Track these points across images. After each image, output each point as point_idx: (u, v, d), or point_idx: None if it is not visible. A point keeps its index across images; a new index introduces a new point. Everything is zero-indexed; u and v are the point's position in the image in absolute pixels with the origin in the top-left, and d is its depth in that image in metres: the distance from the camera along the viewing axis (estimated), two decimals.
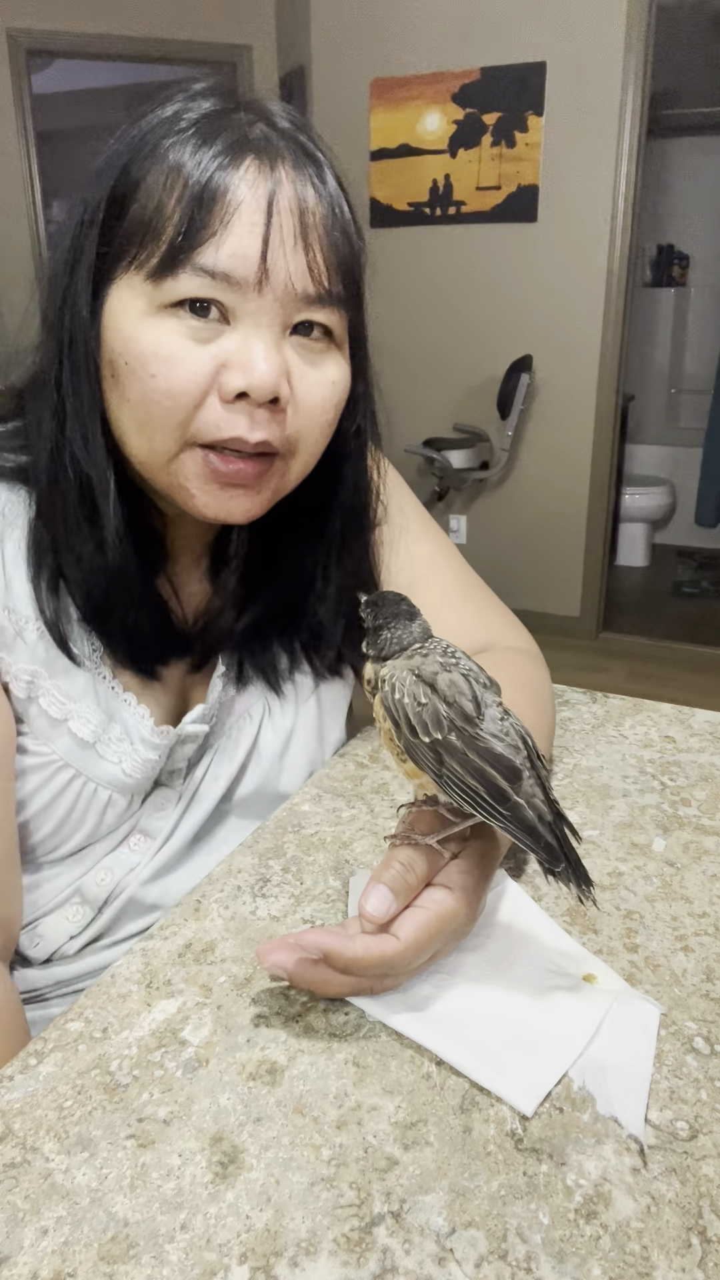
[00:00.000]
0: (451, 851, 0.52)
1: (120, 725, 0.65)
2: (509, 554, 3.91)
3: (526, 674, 0.75)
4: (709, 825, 0.69)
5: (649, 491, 4.86)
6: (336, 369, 0.60)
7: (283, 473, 0.60)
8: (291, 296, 0.55)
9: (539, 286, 3.54)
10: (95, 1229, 0.39)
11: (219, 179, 0.53)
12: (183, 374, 0.54)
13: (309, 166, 0.56)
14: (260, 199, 0.53)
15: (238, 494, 0.59)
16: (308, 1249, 0.38)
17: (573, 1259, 0.38)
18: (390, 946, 0.48)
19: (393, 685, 0.50)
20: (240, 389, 0.54)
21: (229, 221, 0.53)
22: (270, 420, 0.56)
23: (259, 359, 0.54)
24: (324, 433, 0.61)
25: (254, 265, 0.53)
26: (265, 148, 0.55)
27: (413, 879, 0.50)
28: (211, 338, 0.55)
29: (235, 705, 0.73)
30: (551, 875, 0.48)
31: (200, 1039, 0.49)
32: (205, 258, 0.53)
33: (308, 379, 0.58)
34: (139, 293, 0.54)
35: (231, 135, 0.54)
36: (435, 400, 3.86)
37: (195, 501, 0.59)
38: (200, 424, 0.56)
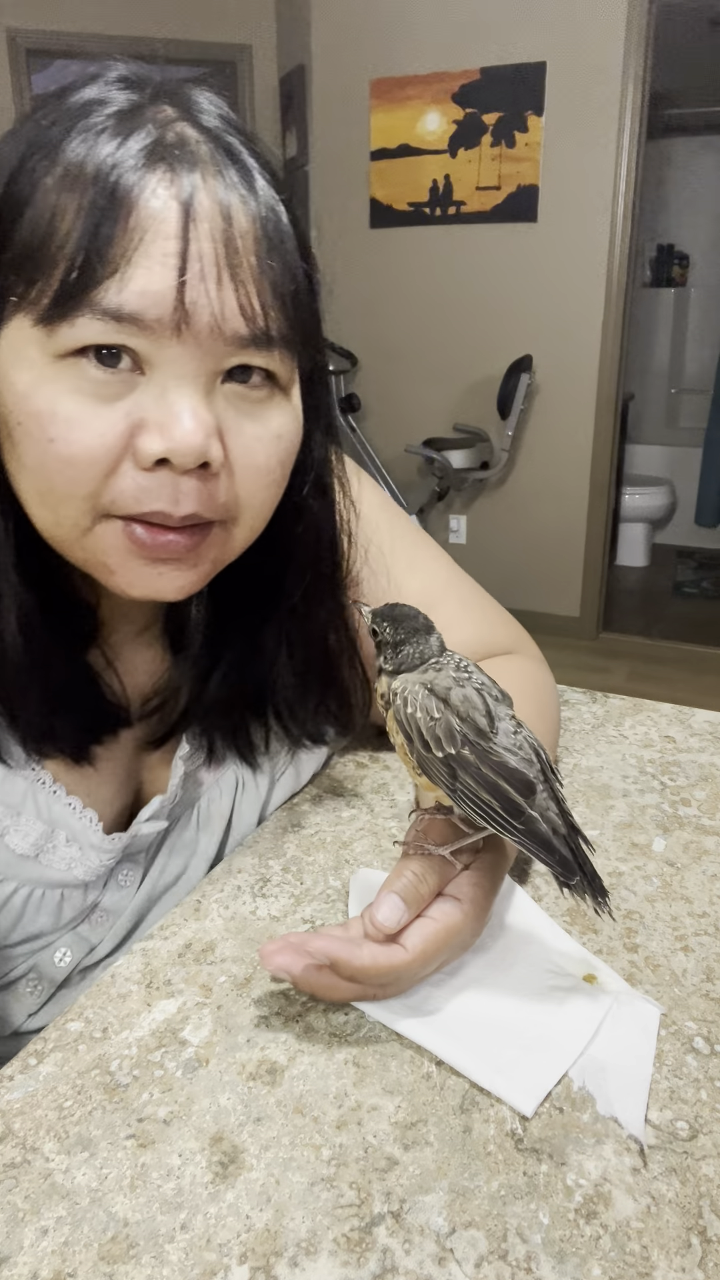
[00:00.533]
0: (463, 863, 0.52)
1: (66, 831, 0.59)
2: (509, 554, 3.91)
3: (531, 680, 0.74)
4: (709, 825, 0.69)
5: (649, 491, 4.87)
6: (282, 419, 0.50)
7: (223, 541, 0.51)
8: (219, 340, 0.45)
9: (539, 286, 3.55)
10: (95, 1229, 0.39)
11: (122, 200, 0.42)
12: (86, 438, 0.44)
13: (235, 173, 0.46)
14: (172, 223, 0.43)
15: (168, 569, 0.49)
16: (308, 1249, 0.38)
17: (573, 1259, 0.38)
18: (398, 957, 0.47)
19: (405, 699, 0.50)
20: (159, 454, 0.44)
21: (133, 253, 0.42)
22: (200, 489, 0.47)
23: (182, 418, 0.44)
24: (272, 494, 0.52)
25: (169, 305, 0.43)
26: (181, 156, 0.44)
27: (424, 890, 0.49)
28: (123, 393, 0.45)
29: (202, 777, 0.67)
30: (566, 888, 0.47)
31: (200, 1039, 0.49)
32: (107, 297, 0.42)
33: (245, 435, 0.48)
34: (29, 339, 0.44)
35: (144, 138, 0.44)
36: (435, 400, 3.86)
37: (116, 579, 0.49)
38: (115, 495, 0.46)
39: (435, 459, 3.65)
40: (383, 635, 0.52)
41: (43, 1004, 0.63)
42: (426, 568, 0.75)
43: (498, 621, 0.80)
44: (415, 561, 0.75)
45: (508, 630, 0.80)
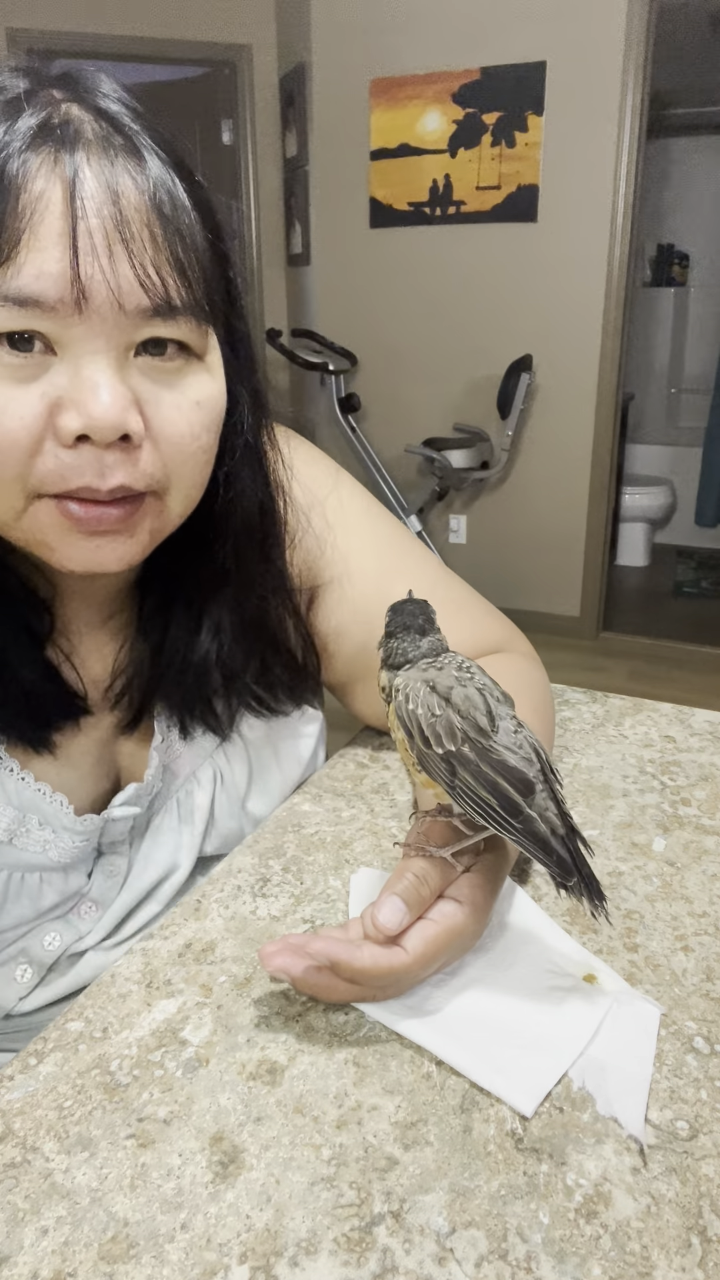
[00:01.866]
0: (464, 865, 0.52)
1: (37, 815, 0.60)
2: (509, 554, 3.91)
3: (526, 678, 0.74)
4: (709, 825, 0.69)
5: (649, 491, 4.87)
6: (202, 387, 0.51)
7: (158, 511, 0.52)
8: (121, 314, 0.46)
9: (539, 286, 3.55)
10: (95, 1229, 0.39)
11: (8, 179, 0.43)
12: (6, 422, 0.45)
13: (122, 151, 0.46)
14: (60, 202, 0.44)
15: (105, 541, 0.50)
16: (308, 1249, 0.38)
17: (573, 1259, 0.38)
18: (398, 959, 0.47)
19: (406, 695, 0.50)
20: (78, 431, 0.45)
21: (23, 233, 0.43)
22: (124, 460, 0.48)
23: (98, 392, 0.45)
24: (201, 461, 0.52)
25: (63, 284, 0.44)
26: (65, 137, 0.44)
27: (425, 891, 0.49)
28: (37, 374, 0.46)
29: (179, 768, 0.67)
30: (563, 889, 0.47)
31: (200, 1039, 0.49)
32: (5, 284, 0.43)
33: (165, 404, 0.49)
34: None
35: (29, 119, 0.44)
36: (435, 400, 3.86)
37: (57, 555, 0.50)
38: (41, 475, 0.47)
39: (435, 459, 3.65)
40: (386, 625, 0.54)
41: (32, 988, 0.63)
42: (413, 569, 0.75)
43: (487, 619, 0.80)
44: (403, 563, 0.75)
45: (498, 627, 0.80)
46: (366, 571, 0.73)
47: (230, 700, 0.67)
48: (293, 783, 0.75)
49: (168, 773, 0.67)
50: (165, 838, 0.68)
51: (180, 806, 0.68)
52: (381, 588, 0.71)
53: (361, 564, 0.73)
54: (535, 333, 3.59)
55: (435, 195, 3.62)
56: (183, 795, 0.68)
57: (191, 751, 0.68)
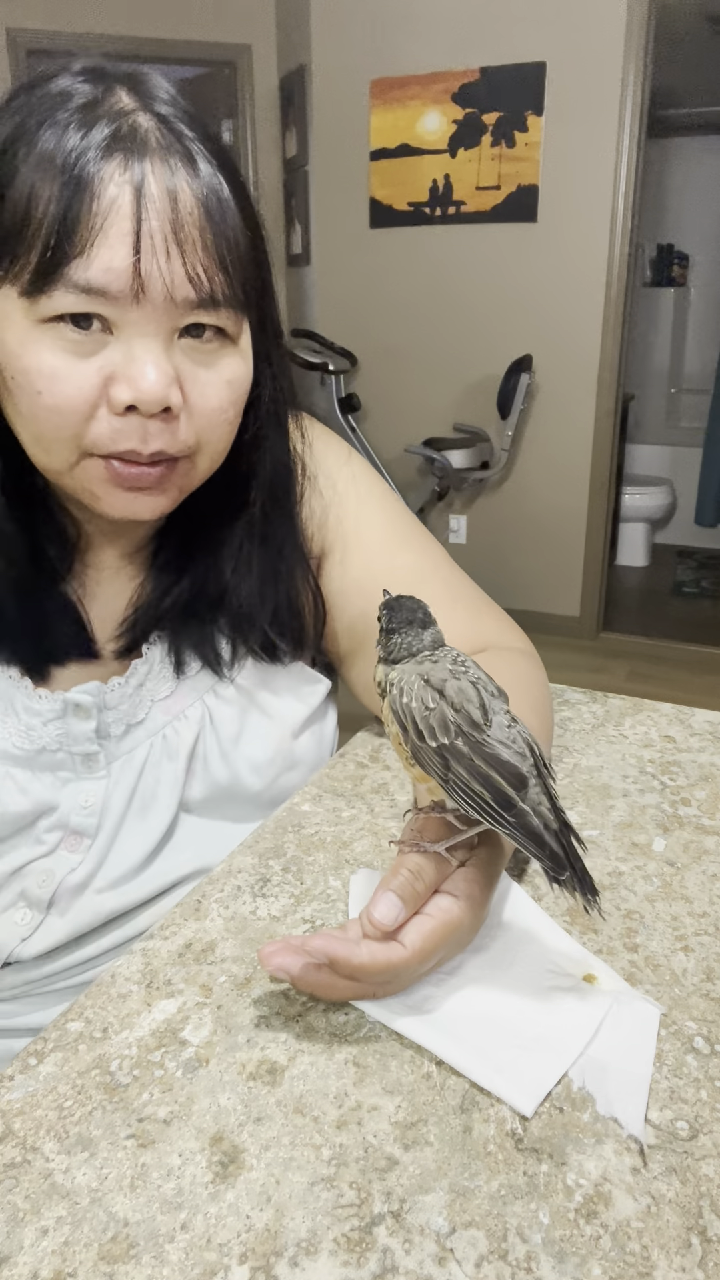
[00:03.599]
0: (459, 860, 0.52)
1: (2, 701, 0.64)
2: (509, 554, 3.91)
3: (524, 674, 0.75)
4: (709, 825, 0.69)
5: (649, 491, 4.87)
6: (233, 367, 0.58)
7: (187, 471, 0.60)
8: (172, 304, 0.53)
9: (539, 286, 3.55)
10: (95, 1229, 0.39)
11: (86, 187, 0.50)
12: (68, 390, 0.53)
13: (182, 160, 0.53)
14: (127, 206, 0.51)
15: (143, 495, 0.58)
16: (308, 1249, 0.38)
17: (573, 1259, 0.38)
18: (396, 954, 0.48)
19: (400, 689, 0.51)
20: (128, 402, 0.53)
21: (95, 236, 0.50)
22: (164, 430, 0.56)
23: (145, 371, 0.53)
24: (226, 431, 0.60)
25: (127, 278, 0.51)
26: (134, 144, 0.51)
27: (421, 887, 0.49)
28: (95, 350, 0.53)
29: (170, 706, 0.70)
30: (556, 884, 0.48)
31: (200, 1039, 0.49)
32: (76, 273, 0.50)
33: (201, 381, 0.57)
34: (15, 307, 0.53)
35: (104, 129, 0.51)
36: (435, 400, 3.86)
37: (101, 504, 0.59)
38: (94, 436, 0.55)
39: (435, 459, 3.65)
40: (381, 622, 0.53)
41: (34, 929, 0.66)
42: (417, 548, 0.78)
43: (485, 613, 0.80)
44: (408, 541, 0.78)
45: (496, 622, 0.80)
46: (372, 542, 0.75)
47: (236, 641, 0.71)
48: (288, 739, 0.74)
49: (156, 708, 0.69)
50: (148, 773, 0.69)
51: (167, 742, 0.69)
52: (385, 559, 0.75)
53: (368, 534, 0.75)
54: (535, 333, 3.59)
55: (435, 195, 3.62)
56: (169, 732, 0.70)
57: (182, 690, 0.70)
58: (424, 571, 0.77)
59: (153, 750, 0.69)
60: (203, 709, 0.70)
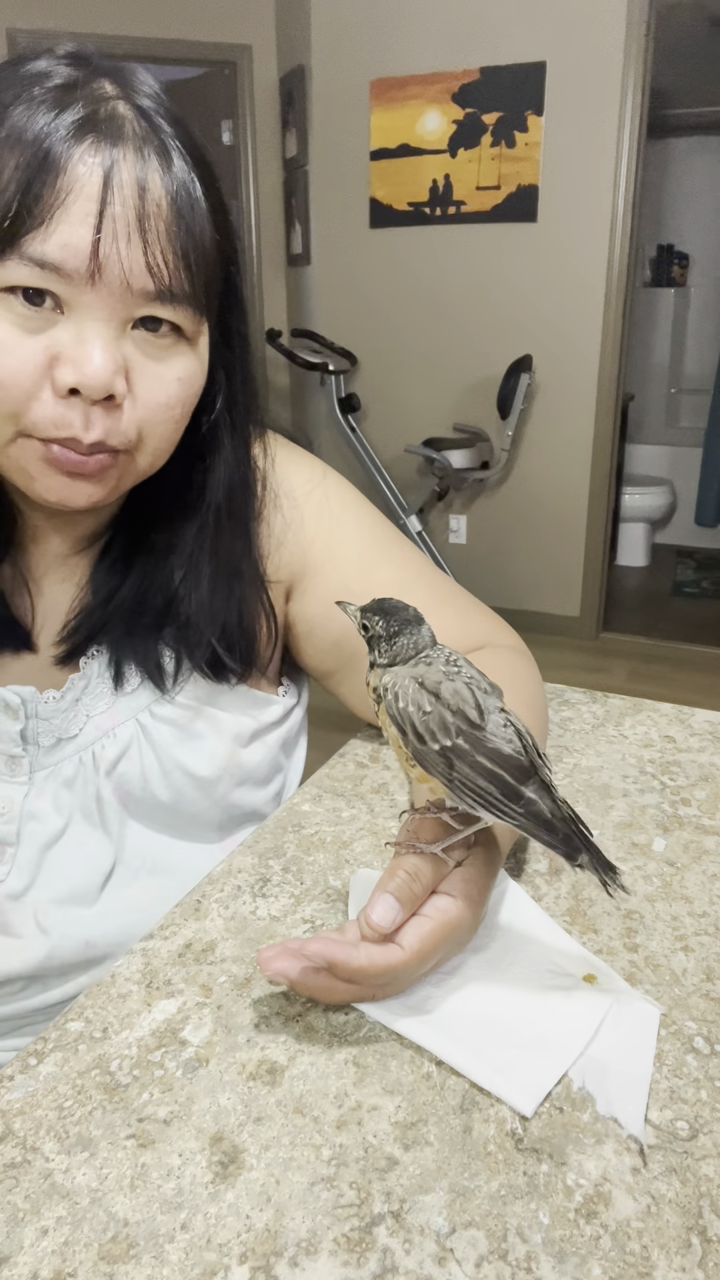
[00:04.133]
0: (456, 860, 0.52)
1: None
2: (509, 554, 3.91)
3: (517, 672, 0.74)
4: (709, 825, 0.69)
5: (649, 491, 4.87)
6: (185, 366, 0.57)
7: (127, 465, 0.58)
8: (128, 292, 0.52)
9: (539, 286, 3.55)
10: (95, 1229, 0.39)
11: (53, 161, 0.49)
12: (10, 363, 0.51)
13: (155, 151, 0.52)
14: (94, 187, 0.50)
15: (80, 481, 0.57)
16: (308, 1249, 0.38)
17: (573, 1259, 0.38)
18: (395, 956, 0.48)
19: (396, 694, 0.50)
20: (71, 384, 0.52)
21: (56, 211, 0.49)
22: (106, 418, 0.54)
23: (92, 354, 0.51)
24: (171, 428, 0.58)
25: (84, 258, 0.50)
26: (109, 129, 0.51)
27: (418, 888, 0.49)
28: (44, 327, 0.52)
29: (102, 723, 0.68)
30: (577, 868, 0.48)
31: (200, 1039, 0.49)
32: (33, 246, 0.49)
33: (149, 374, 0.55)
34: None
35: (73, 114, 0.50)
36: (435, 400, 3.86)
37: (36, 486, 0.57)
38: (34, 417, 0.53)
39: (435, 459, 3.65)
40: (374, 630, 0.52)
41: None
42: (397, 559, 0.76)
43: (473, 613, 0.79)
44: (387, 553, 0.76)
45: (484, 621, 0.80)
46: (348, 559, 0.74)
47: (181, 655, 0.68)
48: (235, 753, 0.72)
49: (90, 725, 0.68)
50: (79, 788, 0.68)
51: (96, 759, 0.68)
52: (364, 577, 0.73)
53: (343, 552, 0.74)
54: (535, 333, 3.59)
55: (435, 195, 3.62)
56: (97, 748, 0.68)
57: (118, 707, 0.68)
58: (405, 580, 0.75)
59: (82, 766, 0.68)
60: (135, 727, 0.68)
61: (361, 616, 0.53)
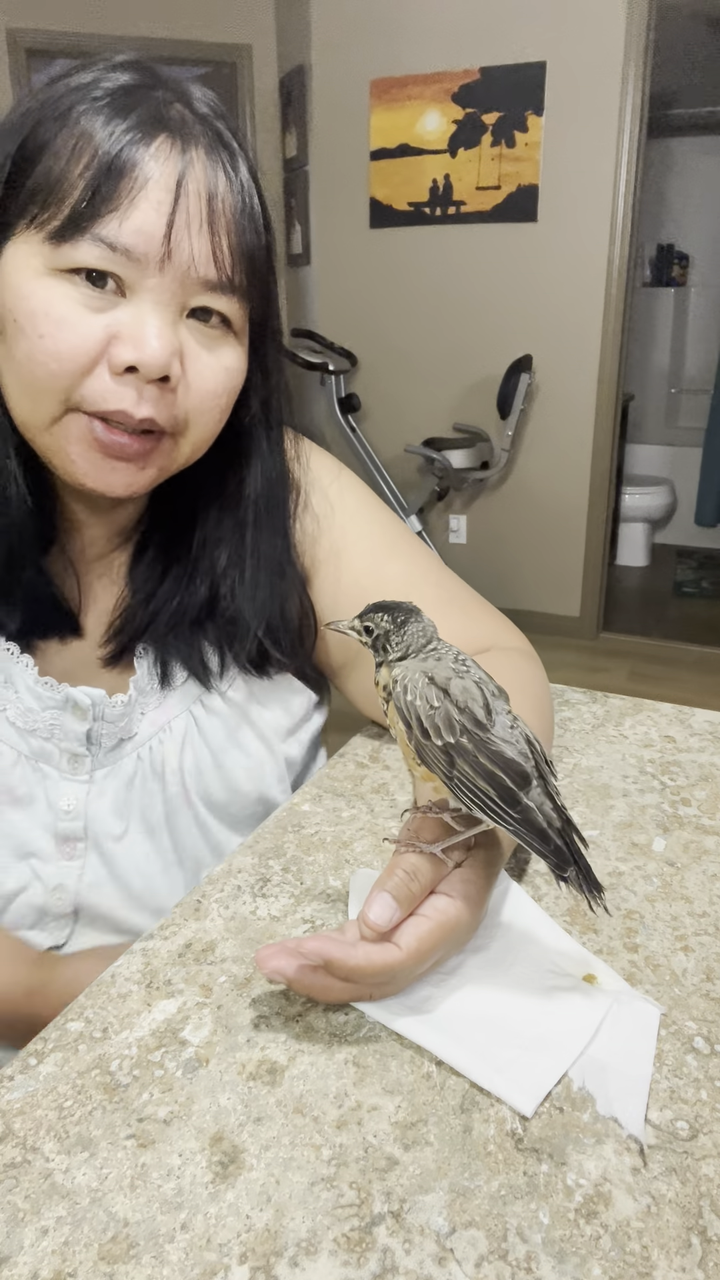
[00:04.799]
0: (456, 860, 0.52)
1: (1, 674, 0.65)
2: (509, 554, 3.91)
3: (524, 674, 0.75)
4: (709, 825, 0.69)
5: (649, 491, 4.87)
6: (233, 357, 0.60)
7: (170, 451, 0.60)
8: (192, 279, 0.55)
9: (539, 286, 3.55)
10: (95, 1229, 0.39)
11: (129, 152, 0.52)
12: (72, 338, 0.53)
13: (222, 154, 0.56)
14: (169, 178, 0.53)
15: (120, 466, 0.58)
16: (308, 1249, 0.38)
17: (573, 1259, 0.38)
18: (392, 956, 0.48)
19: (405, 687, 0.50)
20: (130, 362, 0.54)
21: (135, 196, 0.52)
22: (159, 398, 0.56)
23: (151, 335, 0.54)
24: (216, 417, 0.60)
25: (157, 243, 0.53)
26: (180, 128, 0.54)
27: (416, 887, 0.49)
28: (105, 308, 0.54)
29: (157, 718, 0.70)
30: (562, 881, 0.48)
31: (200, 1039, 0.49)
32: (107, 229, 0.52)
33: (201, 361, 0.58)
34: (36, 251, 0.54)
35: (147, 111, 0.54)
36: (435, 400, 3.86)
37: (75, 468, 0.58)
38: (86, 391, 0.55)
39: (435, 459, 3.65)
40: (379, 627, 0.52)
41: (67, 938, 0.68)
42: (406, 556, 0.78)
43: (482, 615, 0.80)
44: (396, 550, 0.77)
45: (493, 623, 0.80)
46: (361, 555, 0.75)
47: (225, 652, 0.70)
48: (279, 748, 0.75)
49: (145, 721, 0.69)
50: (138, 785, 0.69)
51: (154, 754, 0.69)
52: (374, 570, 0.74)
53: (357, 547, 0.75)
54: (535, 333, 3.59)
55: (435, 195, 3.62)
56: (155, 743, 0.69)
57: (170, 701, 0.70)
58: (414, 578, 0.76)
59: (140, 763, 0.69)
60: (189, 720, 0.70)
61: (362, 620, 0.53)
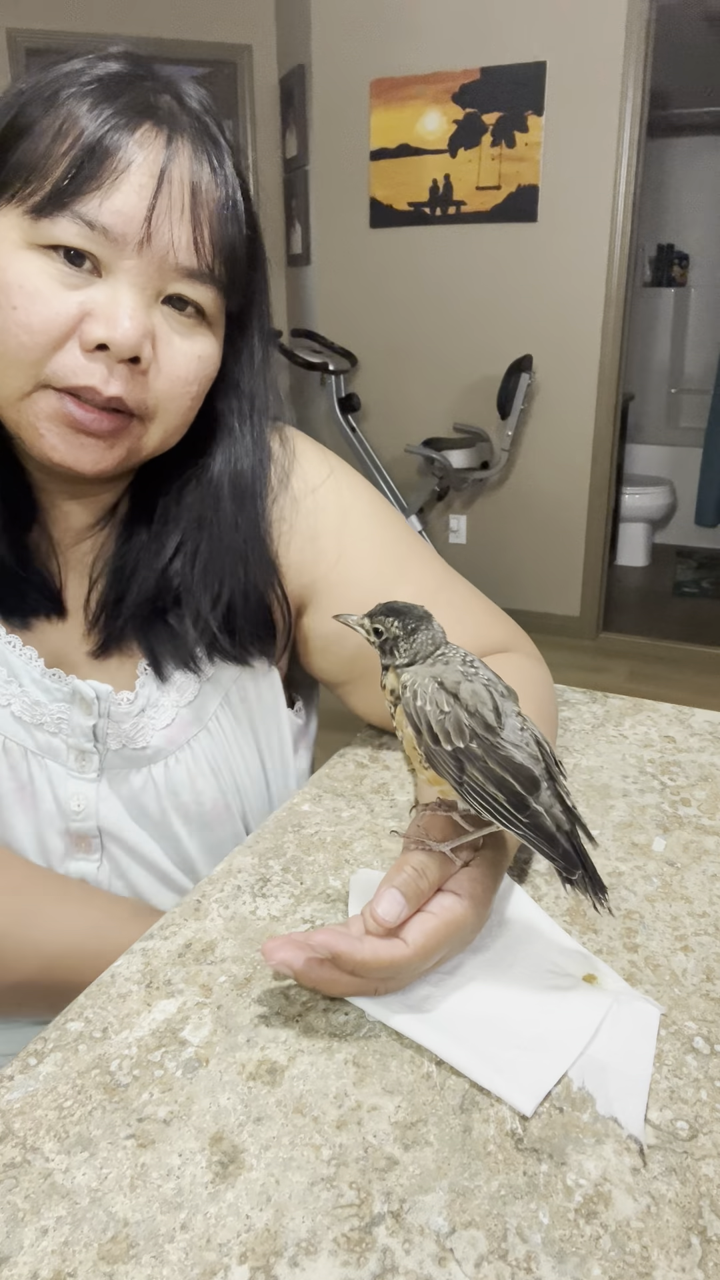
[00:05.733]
0: (463, 860, 0.52)
1: (6, 668, 0.65)
2: (509, 554, 3.91)
3: (530, 678, 0.74)
4: (709, 825, 0.69)
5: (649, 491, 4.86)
6: (206, 345, 0.60)
7: (139, 435, 0.60)
8: (169, 265, 0.56)
9: (539, 286, 3.54)
10: (95, 1229, 0.39)
11: (113, 137, 0.53)
12: (45, 312, 0.54)
13: (209, 146, 0.57)
14: (153, 164, 0.54)
15: (88, 442, 0.58)
16: (308, 1249, 0.38)
17: (573, 1259, 0.38)
18: (398, 951, 0.48)
19: (414, 692, 0.50)
20: (101, 340, 0.54)
21: (117, 178, 0.53)
22: (129, 379, 0.56)
23: (124, 315, 0.54)
24: (187, 405, 0.61)
25: (136, 225, 0.54)
26: (168, 118, 0.55)
27: (424, 885, 0.50)
28: (80, 285, 0.55)
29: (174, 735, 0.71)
30: (569, 883, 0.48)
31: (200, 1039, 0.49)
32: (88, 208, 0.53)
33: (173, 347, 0.58)
34: (14, 225, 0.54)
35: (135, 98, 0.54)
36: (435, 400, 3.86)
37: (43, 443, 0.58)
38: (56, 366, 0.55)
39: (435, 459, 3.64)
40: (390, 631, 0.52)
41: None
42: (417, 571, 0.76)
43: (492, 619, 0.80)
44: (405, 568, 0.75)
45: (501, 627, 0.80)
46: (368, 574, 0.73)
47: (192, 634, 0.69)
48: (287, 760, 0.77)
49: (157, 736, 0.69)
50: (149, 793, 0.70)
51: (169, 771, 0.70)
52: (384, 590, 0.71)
53: (363, 566, 0.73)
54: (535, 333, 3.58)
55: (435, 195, 3.62)
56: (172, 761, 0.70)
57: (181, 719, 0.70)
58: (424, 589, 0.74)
59: (153, 776, 0.70)
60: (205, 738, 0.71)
61: (372, 622, 0.53)
